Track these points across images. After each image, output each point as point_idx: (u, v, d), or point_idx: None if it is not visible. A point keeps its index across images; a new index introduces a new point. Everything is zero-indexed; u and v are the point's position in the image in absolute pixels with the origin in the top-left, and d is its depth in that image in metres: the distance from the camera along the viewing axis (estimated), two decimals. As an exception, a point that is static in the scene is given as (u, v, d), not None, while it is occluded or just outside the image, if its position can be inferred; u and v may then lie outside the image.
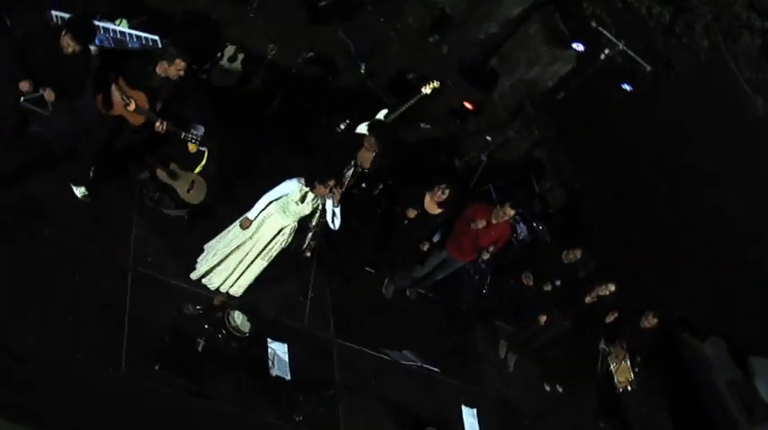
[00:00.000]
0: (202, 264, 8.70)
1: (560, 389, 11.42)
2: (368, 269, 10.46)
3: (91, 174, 8.50)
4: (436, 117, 14.19)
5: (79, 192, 8.41)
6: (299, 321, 9.31)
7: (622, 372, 10.99)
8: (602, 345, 10.78)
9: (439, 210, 9.69)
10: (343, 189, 9.12)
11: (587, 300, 10.49)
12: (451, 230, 10.02)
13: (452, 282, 11.07)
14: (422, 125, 13.79)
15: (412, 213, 9.62)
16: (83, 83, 7.63)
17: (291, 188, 8.22)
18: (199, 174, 9.05)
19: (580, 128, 15.19)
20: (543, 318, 10.69)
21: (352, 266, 10.19)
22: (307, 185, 8.21)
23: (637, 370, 10.97)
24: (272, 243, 8.51)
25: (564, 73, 15.32)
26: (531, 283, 10.41)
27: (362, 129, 11.21)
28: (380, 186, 9.97)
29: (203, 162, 9.06)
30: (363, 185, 9.75)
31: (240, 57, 10.41)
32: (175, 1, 10.63)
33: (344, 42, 13.34)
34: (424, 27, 15.05)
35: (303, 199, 8.26)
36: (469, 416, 10.16)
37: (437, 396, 10.05)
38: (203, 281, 8.75)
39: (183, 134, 8.02)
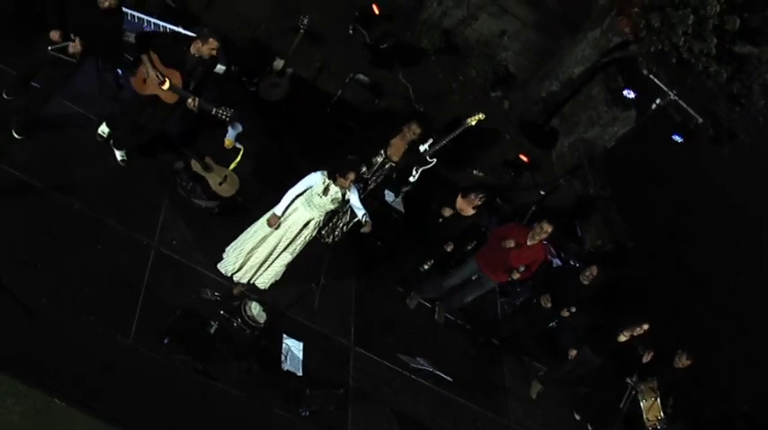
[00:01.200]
0: (230, 259, 8.67)
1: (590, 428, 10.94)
2: (396, 286, 10.30)
3: (123, 157, 8.66)
4: (491, 165, 14.15)
5: (119, 154, 8.54)
6: (318, 323, 9.16)
7: (652, 410, 10.43)
8: (630, 380, 10.25)
9: (471, 212, 9.57)
10: (370, 175, 9.14)
11: (621, 339, 10.10)
12: (484, 241, 9.83)
13: (480, 313, 10.90)
14: (474, 172, 13.73)
15: (447, 212, 9.52)
16: (114, 42, 7.87)
17: (315, 181, 8.21)
18: (233, 170, 9.16)
19: (636, 190, 14.94)
20: (573, 353, 10.32)
21: (384, 276, 10.09)
22: (329, 178, 8.19)
23: (669, 411, 10.40)
24: (298, 236, 8.47)
25: (623, 134, 15.21)
26: (548, 305, 10.05)
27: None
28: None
29: (238, 158, 9.20)
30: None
31: (289, 72, 10.60)
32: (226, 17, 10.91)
33: (404, 86, 13.50)
34: (487, 82, 15.14)
35: (326, 191, 8.22)
36: None
37: (454, 418, 9.68)
38: (234, 277, 8.70)
39: (215, 110, 8.05)
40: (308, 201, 8.25)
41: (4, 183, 7.67)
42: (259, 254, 8.53)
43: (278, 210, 8.30)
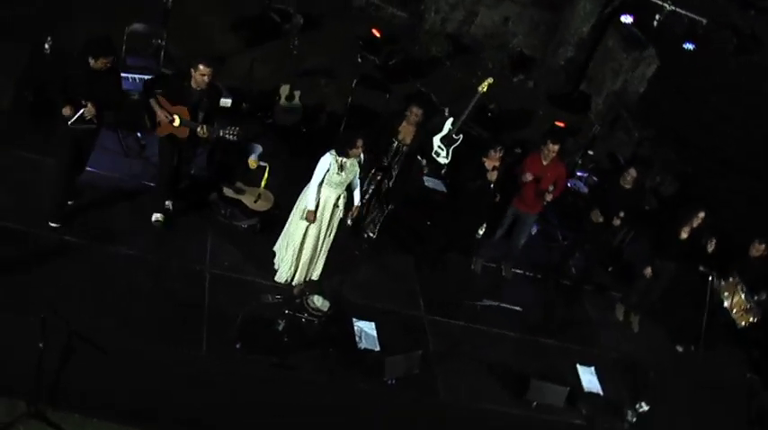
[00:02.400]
0: (283, 268, 8.90)
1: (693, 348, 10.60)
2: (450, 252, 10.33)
3: (169, 206, 9.07)
4: (531, 142, 14.18)
5: (154, 217, 8.95)
6: (386, 303, 9.26)
7: (738, 305, 10.06)
8: (711, 277, 9.93)
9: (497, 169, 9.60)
10: (390, 163, 9.37)
11: (683, 235, 9.89)
12: (515, 187, 9.86)
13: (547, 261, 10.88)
14: (516, 150, 13.78)
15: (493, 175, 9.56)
16: (119, 93, 8.30)
17: (327, 162, 8.45)
18: (264, 187, 9.51)
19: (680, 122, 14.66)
20: (648, 271, 10.13)
21: (441, 249, 10.14)
22: (339, 155, 8.44)
23: (757, 298, 10.02)
24: (332, 218, 8.68)
25: (651, 74, 15.07)
26: (601, 220, 9.91)
27: (436, 141, 11.49)
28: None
29: (266, 176, 9.55)
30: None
31: (297, 94, 11.01)
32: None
33: (426, 94, 13.73)
34: (505, 69, 15.30)
35: (341, 168, 8.45)
36: (587, 374, 9.55)
37: (546, 357, 9.56)
38: (294, 283, 8.93)
39: (222, 132, 8.42)
40: (329, 183, 8.46)
41: (62, 248, 8.13)
42: (306, 251, 8.74)
43: (310, 205, 8.50)
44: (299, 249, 8.68)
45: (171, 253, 8.67)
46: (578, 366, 9.53)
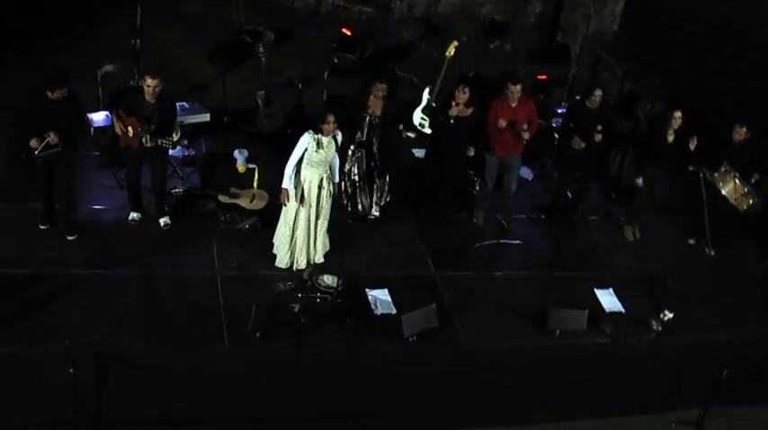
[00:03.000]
0: (281, 255, 9.17)
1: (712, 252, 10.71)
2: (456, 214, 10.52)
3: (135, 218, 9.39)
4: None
5: (131, 216, 9.30)
6: (394, 270, 9.45)
7: (736, 192, 10.13)
8: (702, 174, 10.01)
9: (469, 111, 9.76)
10: (366, 137, 9.61)
11: (669, 140, 10.02)
12: (490, 135, 10.00)
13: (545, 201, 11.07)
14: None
15: (454, 111, 9.66)
16: (81, 118, 8.70)
17: (305, 142, 8.73)
18: (257, 186, 9.82)
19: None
20: (640, 181, 10.26)
21: (439, 212, 10.33)
22: (315, 132, 8.72)
23: (753, 181, 10.09)
24: (320, 199, 8.90)
25: (620, 10, 15.19)
26: (582, 145, 10.04)
27: (417, 115, 11.73)
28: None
29: (256, 176, 9.86)
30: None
31: (275, 99, 11.33)
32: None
33: (405, 78, 13.99)
34: (480, 39, 15.52)
35: (319, 145, 8.71)
36: (606, 295, 9.65)
37: (563, 289, 9.67)
38: (294, 267, 9.18)
39: (160, 141, 8.68)
40: (310, 163, 8.70)
41: (76, 281, 8.45)
42: (299, 234, 8.97)
43: (284, 184, 8.72)
44: (291, 232, 8.93)
45: (181, 265, 8.93)
46: (596, 290, 9.62)
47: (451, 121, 9.65)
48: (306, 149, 8.61)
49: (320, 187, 8.80)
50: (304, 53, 13.15)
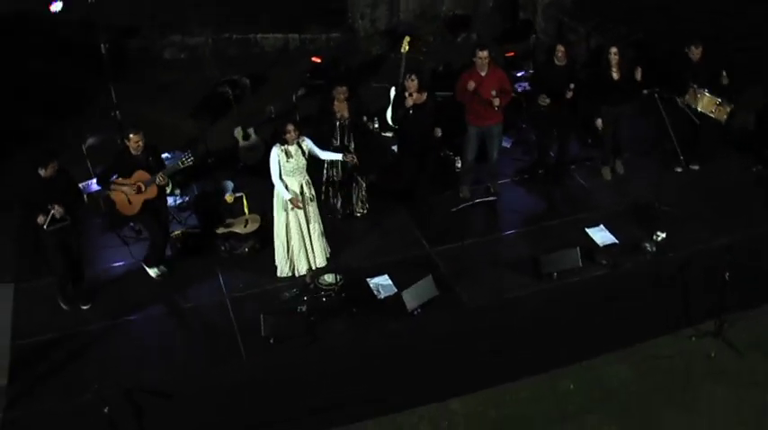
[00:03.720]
0: (281, 264, 9.63)
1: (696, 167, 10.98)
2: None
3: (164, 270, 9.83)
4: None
5: (153, 272, 9.77)
6: (392, 256, 9.83)
7: (710, 105, 10.39)
8: (656, 95, 10.32)
9: (423, 97, 10.15)
10: (342, 140, 10.08)
11: (615, 77, 10.34)
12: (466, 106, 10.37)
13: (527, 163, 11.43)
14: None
15: (409, 101, 10.00)
16: (75, 189, 9.23)
17: (276, 155, 9.24)
18: (249, 213, 10.36)
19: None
20: (599, 122, 10.60)
21: (424, 195, 10.68)
22: (282, 144, 9.25)
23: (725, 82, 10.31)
24: (306, 204, 9.32)
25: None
26: (547, 100, 10.32)
27: (388, 114, 12.20)
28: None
29: (245, 203, 10.40)
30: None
31: (251, 131, 11.91)
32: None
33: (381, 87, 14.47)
34: (446, 34, 16.04)
35: (288, 155, 9.22)
36: (597, 232, 9.91)
37: (555, 238, 9.90)
38: (295, 274, 9.64)
39: (158, 179, 9.18)
40: (286, 173, 9.16)
41: (97, 334, 8.94)
42: (294, 241, 9.38)
43: (286, 195, 9.15)
44: (286, 241, 9.34)
45: (191, 298, 9.38)
46: (587, 230, 9.90)
47: (410, 111, 10.03)
48: (279, 162, 9.07)
49: (302, 193, 9.22)
50: (279, 90, 13.72)
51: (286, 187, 9.18)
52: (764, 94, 11.36)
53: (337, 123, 10.01)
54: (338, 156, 9.41)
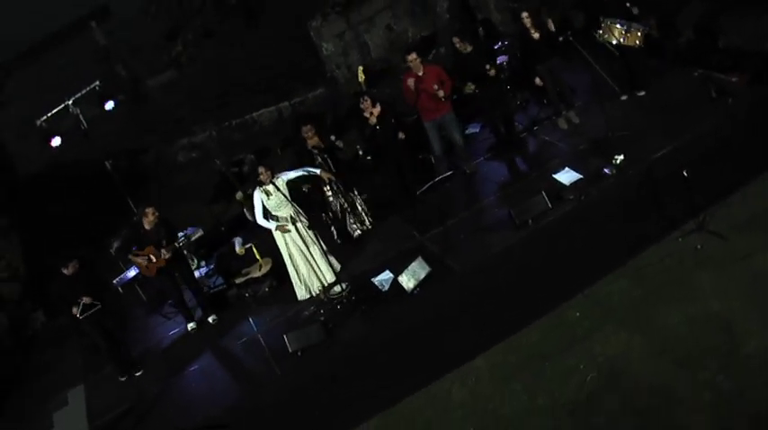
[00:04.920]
0: (298, 289, 10.73)
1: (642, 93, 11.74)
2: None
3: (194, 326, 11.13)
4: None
5: (189, 326, 11.04)
6: (390, 254, 10.89)
7: (622, 35, 11.05)
8: (569, 37, 11.18)
9: (379, 108, 11.26)
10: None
11: (536, 36, 11.34)
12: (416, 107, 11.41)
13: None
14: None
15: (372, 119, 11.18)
16: (98, 281, 10.51)
17: (257, 198, 10.47)
18: (261, 258, 11.68)
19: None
20: (537, 80, 11.55)
21: (404, 196, 11.68)
22: (259, 186, 10.57)
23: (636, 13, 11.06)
24: (300, 232, 10.46)
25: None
26: (472, 87, 11.35)
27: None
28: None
29: (256, 252, 11.71)
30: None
31: (250, 190, 13.23)
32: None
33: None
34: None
35: (268, 195, 10.49)
36: (563, 174, 10.68)
37: (528, 193, 10.64)
38: (312, 294, 10.74)
39: (177, 244, 10.51)
40: (273, 209, 10.32)
41: (152, 398, 10.17)
42: (300, 265, 10.48)
43: (270, 225, 10.41)
44: (294, 267, 10.47)
45: (229, 343, 10.58)
46: (554, 175, 10.80)
47: (377, 127, 11.21)
48: (262, 201, 10.36)
49: (294, 222, 10.39)
50: (281, 157, 15.12)
51: (276, 218, 10.27)
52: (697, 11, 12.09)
53: (315, 154, 11.12)
54: (316, 171, 10.53)
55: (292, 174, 10.32)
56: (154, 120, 17.64)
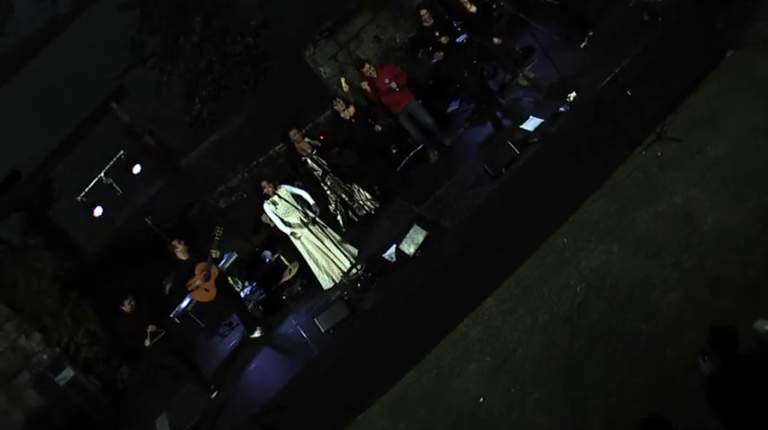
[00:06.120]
0: (323, 280, 12.20)
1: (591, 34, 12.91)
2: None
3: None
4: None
5: (256, 334, 12.50)
6: (395, 232, 12.19)
7: None
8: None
9: (351, 108, 12.80)
10: (322, 173, 12.62)
11: (473, 9, 12.77)
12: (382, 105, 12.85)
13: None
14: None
15: (346, 114, 12.82)
16: (152, 312, 11.91)
17: (269, 210, 12.03)
18: (290, 263, 13.30)
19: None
20: (497, 40, 12.90)
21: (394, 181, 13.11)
22: (266, 199, 12.20)
23: None
24: (312, 228, 11.99)
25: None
26: (441, 55, 12.75)
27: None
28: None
29: (282, 258, 13.37)
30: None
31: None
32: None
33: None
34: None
35: (276, 205, 12.12)
36: (529, 123, 11.66)
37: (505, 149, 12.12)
38: (335, 282, 12.19)
39: (215, 254, 12.08)
40: (284, 215, 11.84)
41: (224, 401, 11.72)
42: (319, 259, 11.86)
43: (286, 230, 11.91)
44: (313, 261, 11.92)
45: (278, 340, 12.12)
46: (521, 126, 11.92)
47: (353, 121, 12.76)
48: (273, 212, 11.97)
49: (306, 223, 11.89)
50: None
51: (289, 224, 11.84)
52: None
53: (307, 160, 12.66)
54: (310, 201, 12.11)
55: (294, 190, 11.79)
56: (191, 176, 19.41)
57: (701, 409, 6.77)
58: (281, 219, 11.60)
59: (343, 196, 12.55)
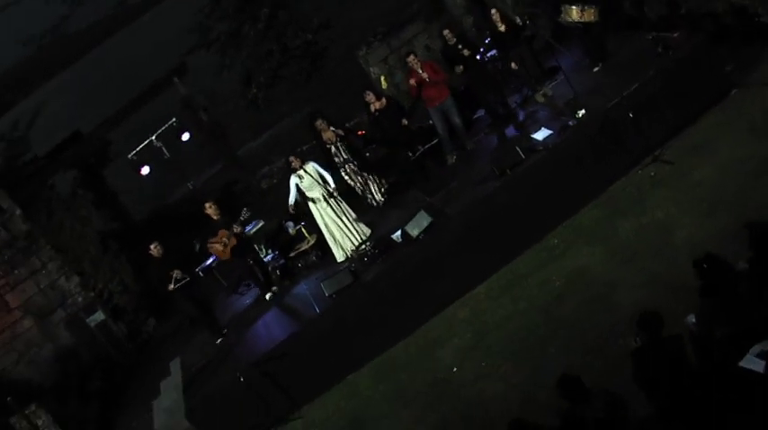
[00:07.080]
0: (336, 252, 13.34)
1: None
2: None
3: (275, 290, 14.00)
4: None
5: (267, 296, 13.77)
6: (405, 215, 13.37)
7: (579, 13, 13.05)
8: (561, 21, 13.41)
9: (383, 100, 13.90)
10: (343, 161, 13.82)
11: (502, 29, 13.90)
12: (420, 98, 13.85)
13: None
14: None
15: (375, 105, 13.83)
16: (177, 258, 13.42)
17: (293, 182, 13.23)
18: (309, 234, 14.64)
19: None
20: (512, 65, 14.06)
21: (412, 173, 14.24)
22: (294, 173, 13.56)
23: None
24: (332, 205, 13.12)
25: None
26: (461, 68, 13.91)
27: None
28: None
29: (303, 230, 14.71)
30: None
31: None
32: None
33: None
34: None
35: (301, 178, 13.39)
36: (540, 134, 12.81)
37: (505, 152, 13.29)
38: (348, 255, 13.34)
39: (237, 229, 13.31)
40: (307, 190, 12.94)
41: (231, 346, 12.99)
42: (335, 232, 12.96)
43: (291, 200, 13.18)
44: (329, 233, 13.05)
45: (289, 303, 13.27)
46: (532, 136, 13.02)
47: (377, 114, 13.92)
48: (296, 185, 13.32)
49: (326, 199, 13.11)
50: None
51: (311, 199, 13.09)
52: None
53: (332, 150, 13.86)
54: (329, 178, 13.28)
55: (320, 169, 13.01)
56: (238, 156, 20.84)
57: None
58: (298, 192, 12.74)
59: (358, 186, 13.61)
